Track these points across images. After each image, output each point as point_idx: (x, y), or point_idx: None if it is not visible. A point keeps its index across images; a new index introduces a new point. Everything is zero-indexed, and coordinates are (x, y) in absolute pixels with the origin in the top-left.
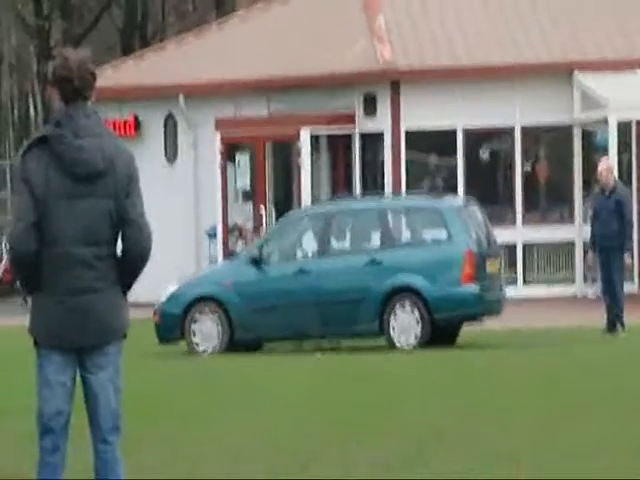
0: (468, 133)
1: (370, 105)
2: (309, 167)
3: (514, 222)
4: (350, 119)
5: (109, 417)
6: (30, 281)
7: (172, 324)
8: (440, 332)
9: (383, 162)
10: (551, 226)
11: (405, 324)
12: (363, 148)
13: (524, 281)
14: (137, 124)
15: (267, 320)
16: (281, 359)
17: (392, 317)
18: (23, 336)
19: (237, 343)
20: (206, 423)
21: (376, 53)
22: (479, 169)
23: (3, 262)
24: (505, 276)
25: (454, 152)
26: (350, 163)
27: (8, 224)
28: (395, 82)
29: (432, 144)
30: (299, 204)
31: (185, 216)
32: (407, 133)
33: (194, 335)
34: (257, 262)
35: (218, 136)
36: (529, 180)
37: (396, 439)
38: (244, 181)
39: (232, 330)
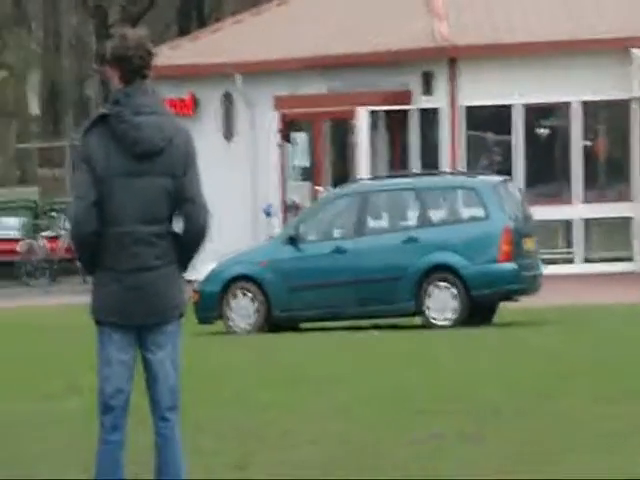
0: (526, 109)
1: (428, 82)
2: (367, 145)
3: (572, 199)
4: (407, 96)
5: (168, 395)
6: (90, 260)
7: (210, 303)
8: (477, 310)
9: (440, 139)
10: (609, 203)
11: (442, 302)
12: (421, 125)
13: (584, 259)
14: (195, 103)
15: (304, 299)
16: (337, 336)
17: (429, 295)
18: (84, 314)
19: (274, 322)
20: (265, 405)
21: (434, 30)
22: (537, 146)
23: (64, 240)
24: (563, 253)
25: (512, 129)
26: (407, 141)
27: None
28: (452, 59)
29: (490, 121)
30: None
31: (242, 194)
32: (465, 110)
33: (231, 314)
34: (294, 241)
35: (276, 114)
36: (587, 156)
37: (455, 415)
38: (302, 159)
39: (269, 309)
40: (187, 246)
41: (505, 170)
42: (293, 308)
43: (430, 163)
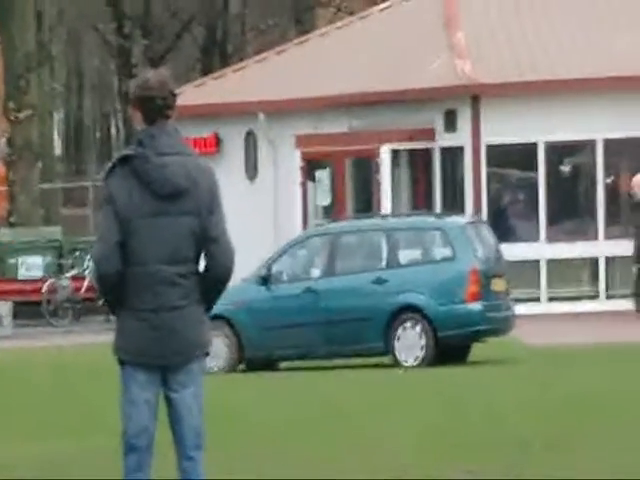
0: (549, 147)
1: (450, 120)
2: (389, 183)
3: (596, 236)
4: (430, 134)
5: (192, 434)
6: (114, 300)
7: None
8: (449, 350)
9: (463, 177)
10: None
11: (410, 342)
12: (443, 163)
13: (607, 296)
14: (218, 141)
15: (275, 339)
16: (364, 375)
17: (397, 335)
18: (107, 353)
19: (248, 362)
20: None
21: (456, 68)
22: (560, 183)
23: (88, 280)
24: (586, 290)
25: (535, 166)
26: (430, 179)
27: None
28: (475, 97)
29: (513, 158)
30: None
31: (265, 232)
32: (488, 147)
33: None
34: (266, 281)
35: (298, 153)
36: (611, 194)
37: (488, 450)
38: (324, 197)
39: (241, 349)
40: (212, 286)
41: (529, 207)
42: (265, 348)
43: (453, 201)
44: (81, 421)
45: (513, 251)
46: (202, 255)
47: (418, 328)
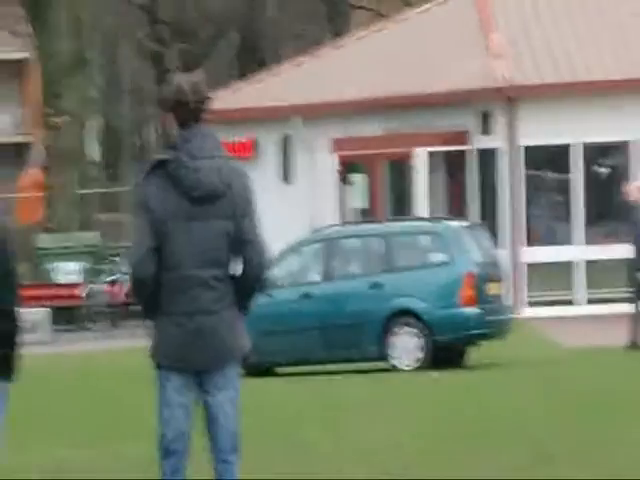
0: (586, 148)
1: (486, 122)
2: (425, 186)
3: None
4: (466, 137)
5: (228, 438)
6: (149, 304)
7: None
8: (444, 354)
9: (499, 179)
10: None
11: (406, 346)
12: (479, 166)
13: None
14: (254, 145)
15: (273, 344)
16: (400, 379)
17: (393, 340)
18: (144, 358)
19: (245, 367)
20: (314, 443)
21: (492, 70)
22: (597, 184)
23: (124, 285)
24: (625, 292)
25: (571, 168)
26: (466, 181)
27: (128, 249)
28: (511, 99)
29: (549, 160)
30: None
31: (301, 236)
32: (523, 149)
33: None
34: None
35: (334, 156)
36: None
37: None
38: (360, 201)
39: None
40: (247, 288)
41: (564, 209)
42: (263, 353)
43: (489, 203)
44: (118, 427)
45: (549, 253)
46: (237, 258)
47: (415, 332)
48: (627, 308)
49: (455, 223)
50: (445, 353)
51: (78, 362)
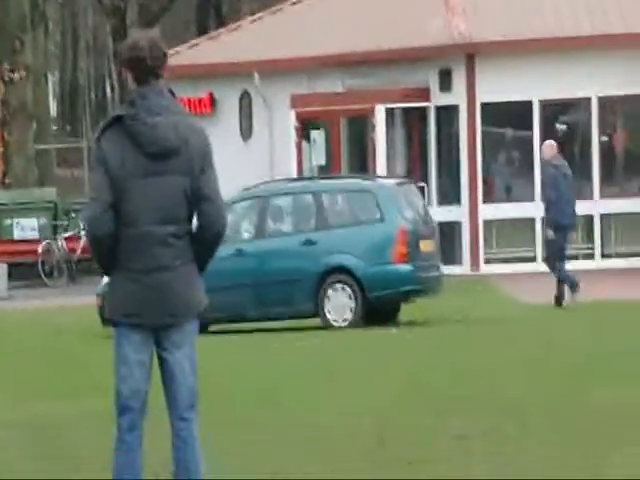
0: (544, 105)
1: (445, 79)
2: (384, 142)
3: (592, 195)
4: (425, 94)
5: (186, 394)
6: (107, 260)
7: None
8: (378, 310)
9: (459, 136)
10: (629, 199)
11: (339, 303)
12: (438, 122)
13: (602, 254)
14: (213, 102)
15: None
16: (359, 334)
17: (327, 297)
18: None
19: None
20: (292, 403)
21: (451, 27)
22: (556, 141)
23: (82, 241)
24: (582, 248)
25: (530, 125)
26: (426, 138)
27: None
28: (470, 55)
29: (508, 117)
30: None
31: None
32: (483, 106)
33: None
34: None
35: (293, 113)
36: (606, 152)
37: (474, 412)
38: (319, 157)
39: None
40: (204, 245)
41: (526, 166)
42: None
43: (449, 160)
44: (75, 383)
45: (509, 211)
46: (194, 214)
47: (348, 289)
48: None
49: (387, 181)
50: (378, 309)
51: (35, 317)
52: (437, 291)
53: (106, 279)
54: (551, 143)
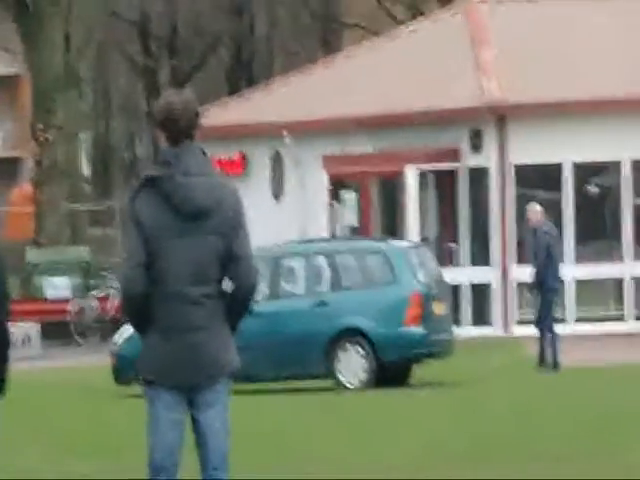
0: (576, 167)
1: (476, 141)
2: (415, 203)
3: (622, 257)
4: (456, 155)
5: (218, 455)
6: (140, 320)
7: (128, 365)
8: (389, 373)
9: (489, 197)
10: None
11: (352, 365)
12: (470, 184)
13: (636, 317)
14: (244, 162)
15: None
16: (390, 396)
17: (339, 358)
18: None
19: None
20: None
21: (483, 89)
22: (587, 204)
23: (114, 300)
24: (612, 311)
25: (562, 187)
26: (456, 199)
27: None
28: (501, 117)
29: (539, 179)
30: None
31: None
32: (513, 167)
33: None
34: None
35: (325, 173)
36: (638, 214)
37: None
38: (351, 218)
39: None
40: (236, 305)
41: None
42: None
43: (480, 221)
44: (107, 442)
45: None
46: (226, 274)
47: (361, 350)
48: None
49: (400, 243)
50: (390, 372)
51: (65, 377)
52: (448, 354)
53: (118, 338)
54: (538, 208)
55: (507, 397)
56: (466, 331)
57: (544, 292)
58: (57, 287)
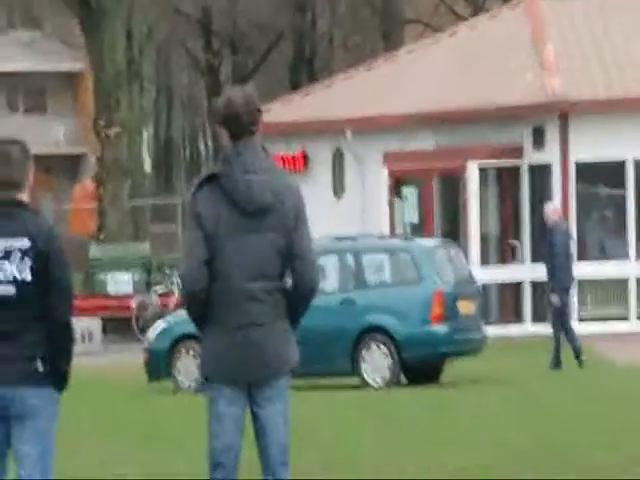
0: (639, 164)
1: (538, 137)
2: (477, 200)
3: None
4: (518, 152)
5: (278, 451)
6: (200, 316)
7: (159, 361)
8: (421, 371)
9: (552, 194)
10: None
11: (376, 363)
12: (531, 181)
13: None
14: (305, 159)
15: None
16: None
17: (364, 356)
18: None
19: None
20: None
21: (545, 85)
22: None
23: (176, 296)
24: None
25: (624, 184)
26: (518, 196)
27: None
28: (564, 114)
29: (602, 176)
30: (466, 238)
31: None
32: (576, 164)
33: (177, 372)
34: None
35: (386, 170)
36: None
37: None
38: (412, 215)
39: None
40: (297, 302)
41: (617, 225)
42: None
43: (541, 218)
44: (165, 440)
45: (605, 269)
46: (288, 271)
47: (385, 349)
48: None
49: (426, 241)
50: (419, 370)
51: (126, 372)
52: (477, 352)
53: (151, 334)
54: (555, 207)
55: (559, 395)
56: (524, 328)
57: (559, 292)
58: (119, 283)
